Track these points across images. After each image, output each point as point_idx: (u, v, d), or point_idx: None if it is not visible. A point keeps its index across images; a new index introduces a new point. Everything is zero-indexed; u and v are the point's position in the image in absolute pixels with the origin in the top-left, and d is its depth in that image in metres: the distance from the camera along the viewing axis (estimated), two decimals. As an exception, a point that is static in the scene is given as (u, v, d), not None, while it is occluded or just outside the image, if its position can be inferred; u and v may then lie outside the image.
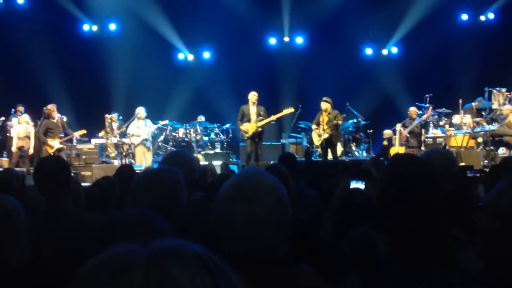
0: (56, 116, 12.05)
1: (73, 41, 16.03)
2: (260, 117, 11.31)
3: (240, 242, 1.43)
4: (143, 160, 12.33)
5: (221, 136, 14.14)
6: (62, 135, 12.05)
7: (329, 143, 11.44)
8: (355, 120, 14.07)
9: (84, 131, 12.47)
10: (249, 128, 11.24)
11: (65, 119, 12.66)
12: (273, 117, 11.57)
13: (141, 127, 12.48)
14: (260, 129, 11.28)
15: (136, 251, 0.65)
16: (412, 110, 12.95)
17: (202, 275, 0.63)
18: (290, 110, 11.74)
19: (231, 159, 13.19)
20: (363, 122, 14.07)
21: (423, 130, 12.63)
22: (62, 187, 2.81)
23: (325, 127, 11.33)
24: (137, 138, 12.39)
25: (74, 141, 12.62)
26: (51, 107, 11.98)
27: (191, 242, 0.69)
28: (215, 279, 0.64)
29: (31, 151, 12.04)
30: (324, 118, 11.43)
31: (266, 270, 1.41)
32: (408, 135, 12.65)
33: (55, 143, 11.81)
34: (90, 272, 0.64)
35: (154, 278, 0.61)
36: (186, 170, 2.70)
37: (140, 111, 12.54)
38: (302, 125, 13.65)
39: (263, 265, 1.41)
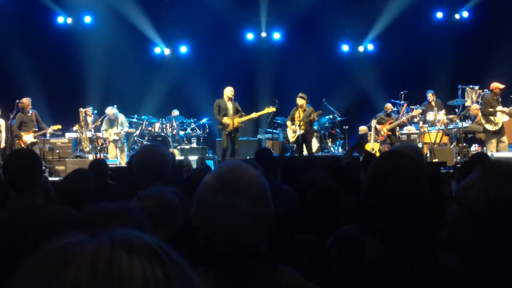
0: (30, 110, 11.86)
1: (47, 33, 15.75)
2: (241, 113, 11.34)
3: (222, 235, 1.41)
4: (117, 155, 12.24)
5: (198, 131, 14.09)
6: (36, 129, 11.86)
7: (304, 139, 11.51)
8: (331, 116, 14.15)
9: (59, 126, 12.29)
10: (229, 122, 11.22)
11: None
12: (255, 115, 11.70)
13: (114, 127, 12.36)
14: (241, 125, 11.32)
15: (83, 242, 0.63)
16: (389, 106, 13.03)
17: (153, 268, 0.61)
18: (272, 109, 11.82)
19: (207, 154, 13.16)
20: (339, 118, 14.16)
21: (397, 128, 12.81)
22: (33, 181, 2.75)
23: (301, 123, 11.39)
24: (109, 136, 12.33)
25: (48, 135, 12.42)
26: (26, 100, 11.78)
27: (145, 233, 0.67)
28: (168, 272, 0.62)
29: (3, 144, 11.82)
30: (299, 114, 11.49)
31: (247, 266, 1.40)
32: (389, 133, 12.64)
33: (28, 137, 11.63)
34: (33, 264, 0.62)
35: (101, 270, 0.59)
36: (159, 165, 2.68)
37: (108, 112, 12.39)
38: (279, 121, 13.68)
39: (244, 260, 1.40)
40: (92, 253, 0.61)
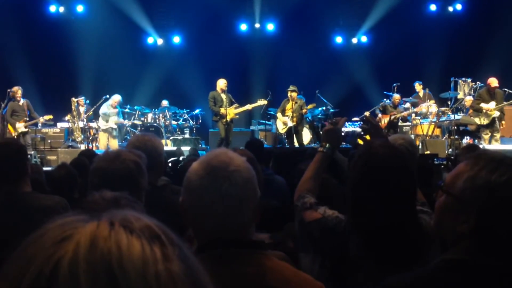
0: (22, 99, 11.79)
1: (39, 22, 15.61)
2: (236, 104, 11.45)
3: (209, 220, 1.42)
4: (107, 146, 12.22)
5: (190, 121, 14.07)
6: (27, 119, 11.79)
7: (295, 131, 11.64)
8: (324, 108, 14.14)
9: (50, 116, 12.23)
10: (225, 113, 11.38)
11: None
12: (249, 107, 11.92)
13: (114, 116, 12.40)
14: (237, 116, 11.52)
15: (83, 221, 0.64)
16: (397, 97, 12.85)
17: (152, 248, 0.62)
18: (264, 102, 12.04)
19: (200, 145, 13.16)
20: (332, 110, 14.15)
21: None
22: (19, 171, 2.74)
23: (293, 115, 11.52)
24: (105, 123, 12.33)
25: (39, 124, 12.37)
26: (15, 89, 11.72)
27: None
28: (167, 252, 0.62)
29: (-6, 133, 11.75)
30: (292, 106, 11.61)
31: (235, 251, 1.41)
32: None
33: (19, 126, 11.57)
34: (33, 240, 0.62)
35: (100, 249, 0.60)
36: (151, 154, 2.68)
37: (116, 99, 12.52)
38: (272, 112, 13.68)
39: (232, 246, 1.42)
40: (92, 231, 0.61)
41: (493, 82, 11.32)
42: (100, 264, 0.59)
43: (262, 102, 12.01)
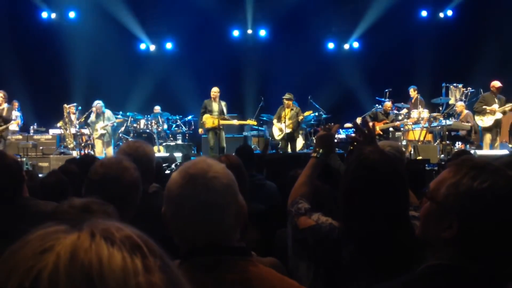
0: (6, 104, 11.55)
1: (31, 28, 15.58)
2: (224, 116, 11.69)
3: (191, 228, 1.42)
4: (103, 152, 12.19)
5: (183, 127, 14.07)
6: (2, 123, 11.37)
7: (290, 138, 11.69)
8: (316, 114, 14.16)
9: (17, 121, 12.07)
10: (206, 121, 11.42)
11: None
12: (236, 122, 12.37)
13: (99, 121, 12.35)
14: (221, 127, 11.68)
15: (65, 231, 0.63)
16: (388, 104, 12.81)
17: (133, 259, 0.61)
18: (253, 122, 12.37)
19: (192, 151, 13.15)
20: (324, 116, 14.18)
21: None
22: (14, 185, 2.73)
23: (292, 121, 11.62)
24: (95, 131, 12.32)
25: (31, 131, 12.28)
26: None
27: (129, 226, 0.67)
28: (148, 263, 0.62)
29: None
30: (287, 113, 11.68)
31: (218, 258, 1.41)
32: (381, 132, 12.45)
33: None
34: (13, 251, 0.62)
35: (81, 260, 0.59)
36: (143, 161, 2.68)
37: (95, 105, 12.43)
38: (265, 118, 13.70)
39: (215, 253, 1.42)
40: (73, 243, 0.61)
41: (497, 83, 11.50)
42: (80, 277, 0.58)
43: (251, 122, 12.30)
